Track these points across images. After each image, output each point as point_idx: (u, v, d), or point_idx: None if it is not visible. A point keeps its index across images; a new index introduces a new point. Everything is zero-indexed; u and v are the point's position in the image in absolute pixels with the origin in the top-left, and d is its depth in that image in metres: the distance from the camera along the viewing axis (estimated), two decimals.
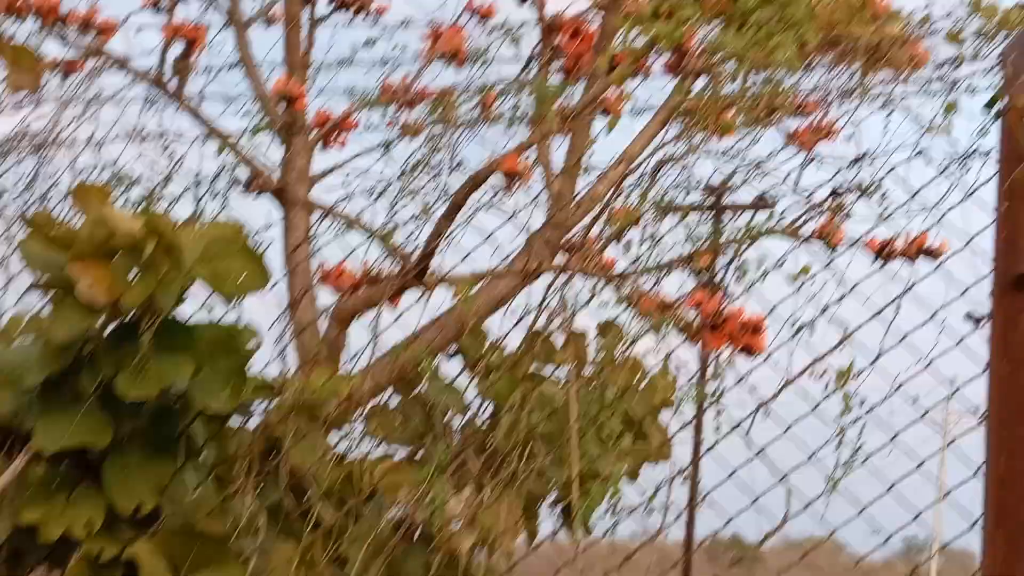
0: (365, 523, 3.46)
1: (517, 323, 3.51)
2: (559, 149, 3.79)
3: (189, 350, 3.36)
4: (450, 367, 3.98)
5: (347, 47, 4.70)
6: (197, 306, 3.40)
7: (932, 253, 3.53)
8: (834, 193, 3.65)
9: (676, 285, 3.79)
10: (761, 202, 3.97)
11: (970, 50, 2.71)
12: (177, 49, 4.69)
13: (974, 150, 2.61)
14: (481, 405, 3.92)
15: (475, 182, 3.83)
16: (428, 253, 3.89)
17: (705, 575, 13.47)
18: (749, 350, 4.07)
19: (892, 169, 2.75)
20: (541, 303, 3.65)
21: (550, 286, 3.57)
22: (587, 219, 3.67)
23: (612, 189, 3.45)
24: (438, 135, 3.48)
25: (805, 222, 3.70)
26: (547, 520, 3.67)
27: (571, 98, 4.11)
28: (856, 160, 3.08)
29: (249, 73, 4.49)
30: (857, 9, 2.86)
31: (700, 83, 3.70)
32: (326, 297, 4.36)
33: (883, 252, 3.53)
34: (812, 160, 3.20)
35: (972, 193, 2.50)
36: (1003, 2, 2.72)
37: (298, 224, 4.42)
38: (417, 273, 3.97)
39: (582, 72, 4.87)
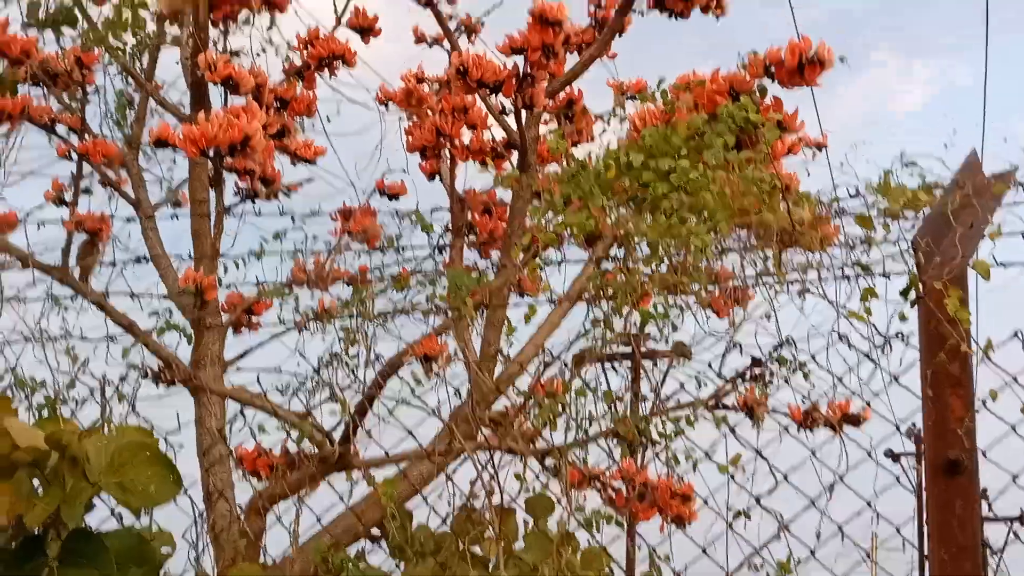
0: None
1: (445, 519, 3.40)
2: (477, 334, 3.75)
3: (98, 562, 3.18)
4: (375, 554, 3.87)
5: (256, 235, 4.66)
6: (108, 511, 3.25)
7: (854, 420, 3.53)
8: (756, 363, 3.65)
9: (603, 456, 3.74)
10: (680, 349, 3.95)
11: (881, 232, 2.73)
12: (80, 239, 4.62)
13: (895, 334, 2.62)
14: None
15: (391, 368, 3.77)
16: (345, 443, 3.80)
17: None
18: (680, 520, 4.01)
19: (813, 357, 2.75)
20: (472, 485, 3.57)
21: (481, 469, 3.48)
22: (507, 403, 3.63)
23: (532, 373, 3.41)
24: (354, 328, 3.41)
25: (727, 393, 3.69)
26: None
27: (487, 273, 4.12)
28: (777, 347, 3.08)
29: (157, 265, 4.41)
30: (767, 194, 2.90)
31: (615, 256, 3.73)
32: (243, 487, 4.22)
33: (807, 421, 3.52)
34: (735, 346, 3.20)
35: (895, 380, 2.50)
36: (911, 181, 2.77)
37: (212, 413, 4.29)
38: (337, 460, 3.87)
39: (495, 246, 4.89)
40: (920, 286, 2.32)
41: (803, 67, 3.28)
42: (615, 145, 4.90)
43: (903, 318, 2.50)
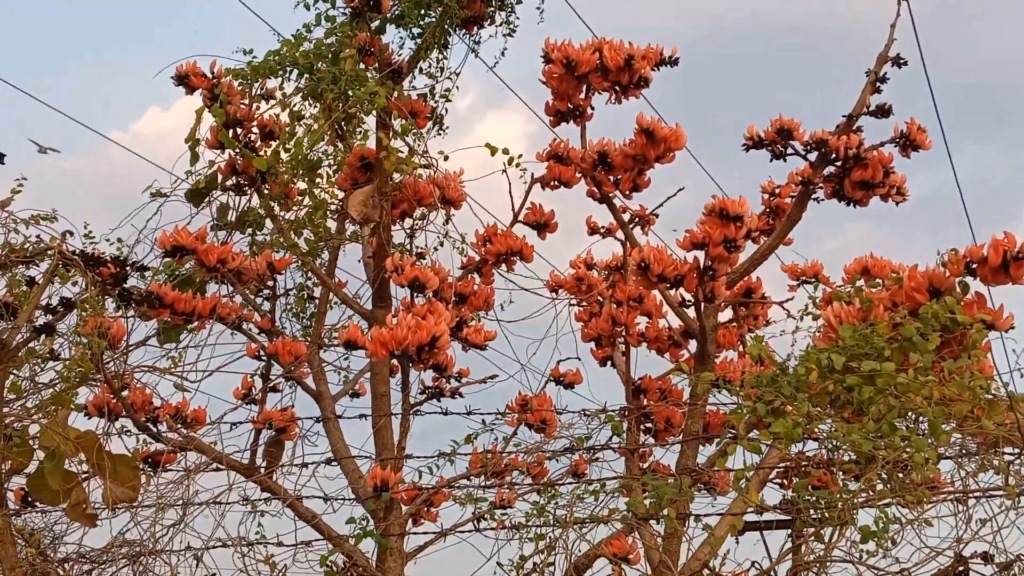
0: None
1: None
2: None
3: None
4: None
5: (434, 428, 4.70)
6: None
7: None
8: (960, 560, 3.50)
9: None
10: None
11: None
12: (267, 436, 4.73)
13: None
14: None
15: (577, 571, 3.72)
16: None
17: None
18: None
19: None
20: None
21: None
22: None
23: None
24: (553, 537, 3.37)
25: None
26: None
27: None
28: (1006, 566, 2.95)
29: (342, 466, 4.46)
30: (981, 399, 2.81)
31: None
32: None
33: None
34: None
35: None
36: None
37: None
38: None
39: (672, 433, 4.84)
40: None
41: (1008, 264, 3.22)
42: (790, 333, 4.87)
43: None
